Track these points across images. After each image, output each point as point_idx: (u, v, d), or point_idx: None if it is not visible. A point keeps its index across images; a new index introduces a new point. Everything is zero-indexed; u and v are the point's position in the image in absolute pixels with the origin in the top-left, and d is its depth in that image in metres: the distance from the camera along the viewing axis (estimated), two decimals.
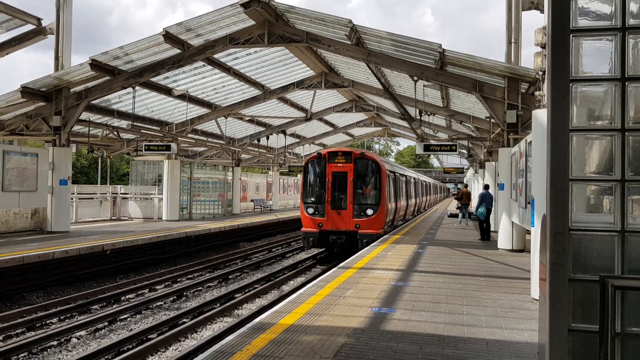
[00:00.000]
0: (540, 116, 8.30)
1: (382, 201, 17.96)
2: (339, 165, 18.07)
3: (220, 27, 16.25)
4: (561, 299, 3.16)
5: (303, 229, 18.47)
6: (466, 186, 30.71)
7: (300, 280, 15.53)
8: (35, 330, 10.11)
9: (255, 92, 23.78)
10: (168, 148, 21.05)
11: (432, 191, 51.77)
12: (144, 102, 21.46)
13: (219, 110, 24.98)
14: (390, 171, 20.38)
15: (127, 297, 13.18)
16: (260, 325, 6.52)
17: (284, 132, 31.99)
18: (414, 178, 32.46)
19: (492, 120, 17.48)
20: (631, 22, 3.20)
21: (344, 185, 17.94)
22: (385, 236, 18.62)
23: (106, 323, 10.55)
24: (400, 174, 23.83)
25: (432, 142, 23.13)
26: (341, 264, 11.69)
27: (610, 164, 3.26)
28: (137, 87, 18.73)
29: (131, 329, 10.22)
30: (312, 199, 18.42)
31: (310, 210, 18.20)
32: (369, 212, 17.77)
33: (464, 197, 26.23)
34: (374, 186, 18.19)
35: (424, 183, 41.97)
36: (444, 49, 14.01)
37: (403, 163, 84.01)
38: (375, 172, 18.19)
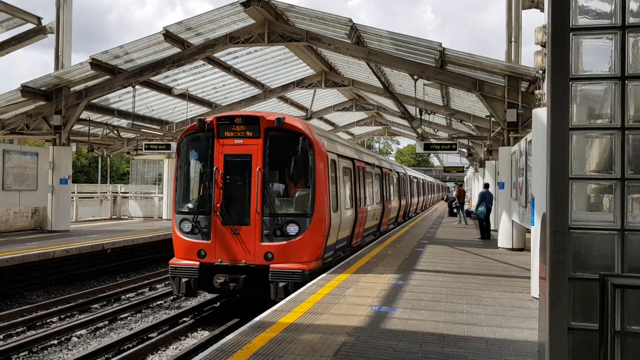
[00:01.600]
0: (541, 115, 8.30)
1: (318, 208, 10.18)
2: (237, 142, 10.32)
3: (220, 26, 16.25)
4: (561, 298, 3.16)
5: (172, 260, 10.53)
6: (461, 185, 30.66)
7: None
8: (35, 329, 10.12)
9: (256, 91, 23.78)
10: (168, 147, 21.05)
11: (427, 190, 44.19)
12: (144, 101, 21.46)
13: (219, 109, 24.97)
14: (340, 155, 12.31)
15: (127, 296, 13.19)
16: (260, 324, 6.53)
17: None
18: (399, 173, 24.61)
19: (493, 119, 17.48)
20: (631, 20, 3.20)
21: (246, 181, 10.30)
22: (383, 236, 18.54)
23: (106, 322, 10.57)
24: (364, 162, 15.45)
25: (432, 141, 23.10)
26: (340, 263, 11.69)
27: (610, 163, 3.26)
28: (137, 86, 18.73)
29: (131, 328, 10.23)
30: (190, 206, 10.68)
31: (186, 227, 10.40)
32: (292, 229, 10.06)
33: (461, 196, 26.32)
34: (303, 182, 10.56)
35: (416, 180, 33.64)
36: (444, 48, 14.01)
37: (403, 162, 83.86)
38: (304, 156, 10.41)
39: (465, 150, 33.37)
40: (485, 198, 17.21)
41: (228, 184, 10.37)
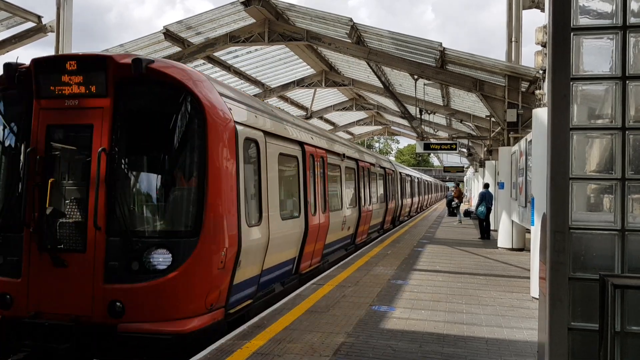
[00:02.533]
0: (541, 115, 8.30)
1: (212, 220, 5.88)
2: (69, 105, 6.05)
3: (221, 25, 16.27)
4: (561, 298, 3.16)
5: None
6: (457, 185, 30.65)
7: None
8: None
9: (256, 90, 23.79)
10: None
11: (424, 190, 39.56)
12: None
13: None
14: (270, 134, 7.97)
15: None
16: (260, 323, 6.53)
17: None
18: (386, 169, 20.03)
19: (493, 119, 17.49)
20: (632, 20, 3.20)
21: (82, 172, 6.16)
22: (383, 236, 18.52)
23: None
24: (323, 149, 10.95)
25: (433, 140, 23.17)
26: (340, 262, 11.68)
27: (610, 163, 3.25)
28: None
29: None
30: None
31: None
32: (160, 259, 5.71)
33: (459, 196, 26.41)
34: (185, 175, 6.26)
35: (409, 178, 28.78)
36: (444, 48, 14.02)
37: (403, 162, 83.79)
38: (188, 128, 6.17)
39: (465, 150, 33.39)
40: (485, 198, 17.21)
41: (51, 178, 5.97)
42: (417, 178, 34.24)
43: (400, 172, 24.55)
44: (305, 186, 9.48)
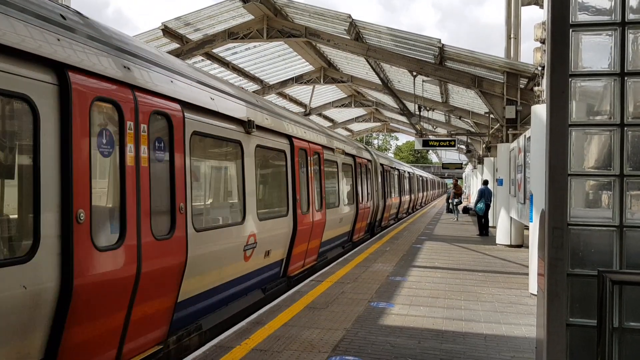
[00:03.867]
0: (540, 111, 8.30)
1: None
2: None
3: (219, 21, 16.24)
4: (559, 294, 3.16)
5: None
6: (456, 182, 30.62)
7: None
8: None
9: (254, 87, 23.77)
10: None
11: (416, 187, 33.65)
12: None
13: None
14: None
15: None
16: (258, 320, 6.53)
17: None
18: (356, 158, 14.86)
19: (491, 115, 17.50)
20: (631, 17, 3.20)
21: None
22: (375, 237, 18.52)
23: None
24: (171, 102, 5.30)
25: (431, 137, 23.19)
26: (339, 259, 11.70)
27: (609, 159, 3.25)
28: None
29: None
30: None
31: None
32: None
33: (460, 193, 26.39)
34: None
35: (397, 173, 23.74)
36: (443, 44, 14.01)
37: (402, 158, 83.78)
38: None
39: (463, 147, 33.41)
40: (484, 195, 17.23)
41: None
42: (409, 172, 28.80)
43: (382, 164, 19.40)
44: (123, 181, 4.51)
